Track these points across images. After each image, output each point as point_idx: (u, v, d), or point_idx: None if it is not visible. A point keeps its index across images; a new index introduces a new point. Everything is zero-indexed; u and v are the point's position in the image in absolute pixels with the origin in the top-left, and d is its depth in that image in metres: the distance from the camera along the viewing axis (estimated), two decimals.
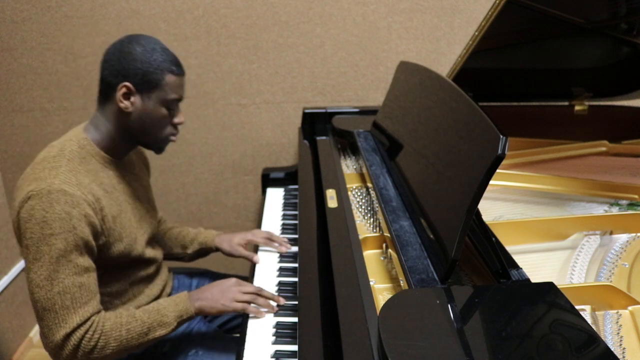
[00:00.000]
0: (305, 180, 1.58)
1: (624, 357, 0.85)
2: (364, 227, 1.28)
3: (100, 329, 1.06)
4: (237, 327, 1.50)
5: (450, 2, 1.98)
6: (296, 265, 1.35)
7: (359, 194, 1.46)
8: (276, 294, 1.23)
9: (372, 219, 1.31)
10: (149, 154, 1.36)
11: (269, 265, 1.38)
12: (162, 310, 1.14)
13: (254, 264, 1.39)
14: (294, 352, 1.05)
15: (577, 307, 0.80)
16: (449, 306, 0.81)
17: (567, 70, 1.72)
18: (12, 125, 2.10)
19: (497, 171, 0.87)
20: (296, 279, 1.27)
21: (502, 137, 0.84)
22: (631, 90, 1.70)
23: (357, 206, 1.38)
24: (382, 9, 1.99)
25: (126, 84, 1.11)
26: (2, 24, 1.96)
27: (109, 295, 1.20)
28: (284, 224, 1.58)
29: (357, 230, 1.21)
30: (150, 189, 1.39)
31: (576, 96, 1.73)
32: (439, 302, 0.82)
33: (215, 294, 1.19)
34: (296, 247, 1.37)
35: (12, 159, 2.14)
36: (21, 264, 2.12)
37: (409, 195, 1.20)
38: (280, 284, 1.29)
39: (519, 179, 1.46)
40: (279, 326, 1.14)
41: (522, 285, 0.88)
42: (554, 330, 0.74)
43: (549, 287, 0.83)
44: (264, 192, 1.82)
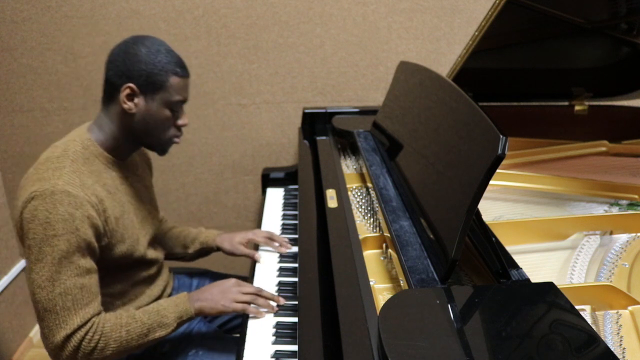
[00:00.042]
0: (305, 180, 1.58)
1: (624, 357, 0.85)
2: (364, 227, 1.28)
3: (100, 330, 1.06)
4: (237, 327, 1.50)
5: (450, 2, 1.98)
6: (296, 265, 1.35)
7: (359, 194, 1.46)
8: (276, 294, 1.23)
9: (372, 219, 1.31)
10: (151, 154, 1.36)
11: (269, 265, 1.38)
12: (162, 311, 1.14)
13: (254, 263, 1.39)
14: (294, 352, 1.05)
15: (577, 307, 0.80)
16: (449, 306, 0.81)
17: (567, 70, 1.72)
18: (12, 125, 2.10)
19: (497, 171, 0.87)
20: (296, 279, 1.27)
21: (502, 137, 0.84)
22: (631, 90, 1.70)
23: (357, 206, 1.38)
24: (382, 9, 1.99)
25: (130, 85, 1.11)
26: (2, 24, 1.96)
27: (110, 295, 1.20)
28: (284, 224, 1.58)
29: (357, 230, 1.21)
30: (152, 189, 1.39)
31: (576, 96, 1.73)
32: (439, 302, 0.82)
33: (215, 295, 1.19)
34: (296, 247, 1.37)
35: (12, 159, 2.14)
36: (21, 264, 2.12)
37: (409, 195, 1.19)
38: (280, 284, 1.29)
39: (519, 179, 1.46)
40: (279, 326, 1.14)
41: (522, 285, 0.88)
42: (554, 330, 0.74)
43: (549, 287, 0.83)
44: (264, 192, 1.82)
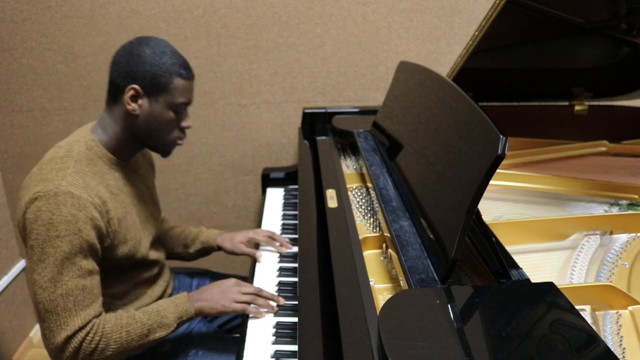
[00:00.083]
0: (305, 180, 1.58)
1: (624, 357, 0.85)
2: (364, 227, 1.27)
3: (101, 332, 1.06)
4: (237, 327, 1.50)
5: (450, 2, 1.98)
6: (296, 265, 1.35)
7: (359, 194, 1.46)
8: (276, 294, 1.23)
9: (372, 219, 1.31)
10: (153, 154, 1.36)
11: (269, 265, 1.38)
12: (162, 311, 1.14)
13: (254, 263, 1.39)
14: (294, 352, 1.05)
15: (577, 307, 0.80)
16: (449, 306, 0.81)
17: (567, 70, 1.71)
18: (12, 125, 2.10)
19: (497, 171, 0.86)
20: (296, 279, 1.27)
21: (502, 137, 0.84)
22: (631, 90, 1.69)
23: (357, 206, 1.38)
24: (382, 9, 1.99)
25: (134, 86, 1.11)
26: (2, 24, 1.96)
27: (112, 296, 1.20)
28: (284, 224, 1.58)
29: (357, 230, 1.21)
30: (154, 189, 1.39)
31: (576, 96, 1.73)
32: (439, 302, 0.82)
33: (215, 295, 1.19)
34: (296, 247, 1.37)
35: (12, 159, 2.14)
36: (21, 264, 2.12)
37: (409, 195, 1.19)
38: (280, 284, 1.29)
39: (519, 179, 1.46)
40: (279, 326, 1.14)
41: (522, 285, 0.88)
42: (554, 330, 0.74)
43: (549, 287, 0.83)
44: (264, 192, 1.82)
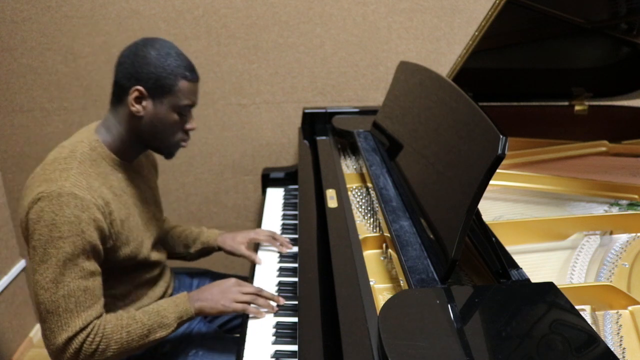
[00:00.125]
0: (305, 180, 1.58)
1: (624, 357, 0.85)
2: (364, 227, 1.27)
3: (101, 333, 1.06)
4: (237, 327, 1.50)
5: (450, 2, 1.98)
6: (296, 265, 1.35)
7: (359, 194, 1.46)
8: (276, 294, 1.23)
9: (372, 219, 1.31)
10: (156, 155, 1.36)
11: (269, 265, 1.38)
12: (162, 311, 1.14)
13: (254, 264, 1.39)
14: (294, 352, 1.05)
15: (577, 307, 0.80)
16: (449, 306, 0.81)
17: (567, 70, 1.71)
18: (12, 125, 2.10)
19: (497, 171, 0.86)
20: (296, 279, 1.27)
21: (502, 137, 0.84)
22: (631, 90, 1.69)
23: (357, 206, 1.38)
24: (382, 9, 1.99)
25: (138, 87, 1.10)
26: (2, 24, 1.96)
27: (113, 297, 1.20)
28: (284, 224, 1.58)
29: (357, 230, 1.21)
30: (157, 190, 1.38)
31: (576, 96, 1.73)
32: (439, 302, 0.82)
33: (215, 295, 1.19)
34: (296, 247, 1.37)
35: (12, 159, 2.14)
36: (21, 264, 2.12)
37: (409, 195, 1.19)
38: (280, 284, 1.29)
39: (519, 179, 1.46)
40: (279, 326, 1.14)
41: (522, 285, 0.88)
42: (554, 330, 0.74)
43: (549, 287, 0.83)
44: (264, 192, 1.82)
